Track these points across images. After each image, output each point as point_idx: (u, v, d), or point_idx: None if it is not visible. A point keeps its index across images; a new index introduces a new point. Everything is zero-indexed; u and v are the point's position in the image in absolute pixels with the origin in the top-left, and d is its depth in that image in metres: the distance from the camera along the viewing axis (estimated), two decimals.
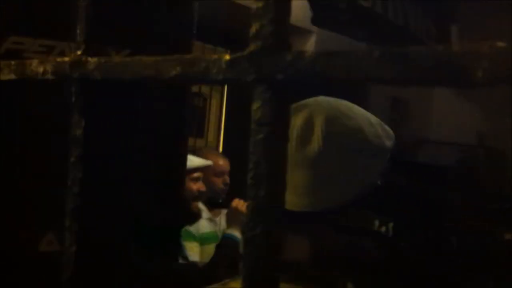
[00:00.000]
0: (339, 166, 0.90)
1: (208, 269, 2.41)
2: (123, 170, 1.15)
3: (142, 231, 1.20)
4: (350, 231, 0.93)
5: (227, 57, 0.37)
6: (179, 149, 1.34)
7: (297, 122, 0.92)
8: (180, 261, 2.49)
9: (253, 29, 0.35)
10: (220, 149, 4.11)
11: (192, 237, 2.82)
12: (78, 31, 0.45)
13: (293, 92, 0.35)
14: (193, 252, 2.80)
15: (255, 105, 0.35)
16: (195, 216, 2.62)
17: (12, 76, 0.47)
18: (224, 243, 2.51)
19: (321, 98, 0.98)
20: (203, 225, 2.92)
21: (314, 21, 2.94)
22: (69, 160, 0.46)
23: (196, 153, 3.31)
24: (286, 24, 0.35)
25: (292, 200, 0.90)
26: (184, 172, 1.40)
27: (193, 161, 2.56)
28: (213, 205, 3.05)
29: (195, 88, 3.98)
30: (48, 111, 1.07)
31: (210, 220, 2.99)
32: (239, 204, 2.63)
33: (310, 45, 3.96)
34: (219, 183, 3.02)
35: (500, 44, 0.28)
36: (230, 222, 2.63)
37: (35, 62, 0.46)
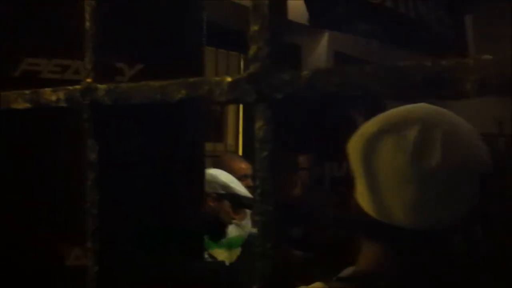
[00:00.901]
0: (454, 185, 0.85)
1: (234, 267, 2.45)
2: (136, 178, 1.17)
3: (159, 241, 1.22)
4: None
5: (229, 79, 0.38)
6: (194, 154, 1.35)
7: (411, 134, 0.85)
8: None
9: (251, 51, 0.36)
10: (240, 152, 4.13)
11: (219, 244, 2.87)
12: (87, 59, 0.46)
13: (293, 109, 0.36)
14: (221, 258, 2.84)
15: (257, 125, 0.36)
16: (221, 235, 2.72)
17: (27, 105, 0.49)
18: (249, 241, 2.56)
19: (426, 105, 0.91)
20: (230, 230, 2.96)
21: (312, 22, 2.92)
22: (86, 183, 0.48)
23: (217, 159, 3.36)
24: (282, 45, 0.36)
25: (399, 215, 0.85)
26: (202, 178, 1.41)
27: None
28: (237, 206, 3.10)
29: None
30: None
31: (237, 224, 3.04)
32: None
33: (323, 44, 3.97)
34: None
35: (486, 56, 0.29)
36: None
37: (48, 91, 0.48)
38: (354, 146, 0.91)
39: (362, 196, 0.89)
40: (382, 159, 0.86)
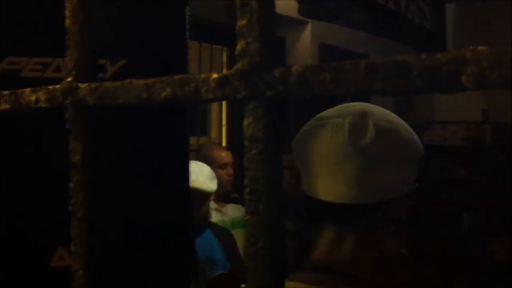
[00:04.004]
0: (388, 162, 0.95)
1: None
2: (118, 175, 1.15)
3: (147, 242, 1.21)
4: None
5: (216, 75, 0.37)
6: (180, 150, 1.33)
7: (346, 121, 0.96)
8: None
9: (239, 47, 0.35)
10: (224, 145, 4.12)
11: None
12: (68, 58, 0.45)
13: (283, 106, 0.35)
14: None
15: (246, 122, 0.35)
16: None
17: (7, 106, 0.48)
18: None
19: (359, 103, 1.04)
20: (212, 216, 2.97)
21: (301, 11, 2.94)
22: (70, 185, 0.46)
23: (199, 147, 3.36)
24: (272, 39, 0.35)
25: (341, 191, 0.94)
26: (188, 173, 1.40)
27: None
28: (227, 201, 3.13)
29: None
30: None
31: (217, 210, 3.07)
32: None
33: (306, 36, 3.95)
34: (223, 174, 3.08)
35: (482, 48, 0.28)
36: None
37: (27, 91, 0.47)
38: (297, 141, 1.02)
39: (309, 185, 0.98)
40: (322, 143, 0.96)
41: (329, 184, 0.95)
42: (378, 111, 1.00)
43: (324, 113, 1.02)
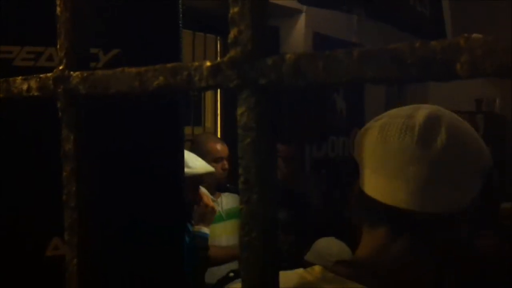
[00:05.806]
0: (457, 170, 0.89)
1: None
2: (114, 171, 1.14)
3: (140, 233, 1.20)
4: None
5: (208, 63, 0.36)
6: (173, 141, 1.32)
7: (418, 118, 0.90)
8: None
9: (232, 35, 0.35)
10: (219, 135, 4.11)
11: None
12: (59, 46, 0.45)
13: (277, 95, 0.35)
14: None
15: (239, 110, 0.35)
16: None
17: None
18: (194, 241, 2.52)
19: (431, 105, 0.98)
20: None
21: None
22: (63, 174, 0.46)
23: (194, 139, 3.32)
24: (264, 27, 0.34)
25: (401, 195, 0.88)
26: (182, 164, 1.40)
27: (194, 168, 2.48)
28: (220, 190, 3.10)
29: None
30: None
31: (213, 201, 3.04)
32: (208, 201, 2.63)
33: (300, 24, 3.94)
34: (218, 168, 3.02)
35: (476, 36, 0.27)
36: (198, 221, 2.62)
37: (19, 80, 0.46)
38: (363, 136, 0.95)
39: (370, 183, 0.92)
40: (390, 142, 0.90)
41: (389, 185, 0.89)
42: (450, 116, 0.93)
43: (393, 111, 0.96)
